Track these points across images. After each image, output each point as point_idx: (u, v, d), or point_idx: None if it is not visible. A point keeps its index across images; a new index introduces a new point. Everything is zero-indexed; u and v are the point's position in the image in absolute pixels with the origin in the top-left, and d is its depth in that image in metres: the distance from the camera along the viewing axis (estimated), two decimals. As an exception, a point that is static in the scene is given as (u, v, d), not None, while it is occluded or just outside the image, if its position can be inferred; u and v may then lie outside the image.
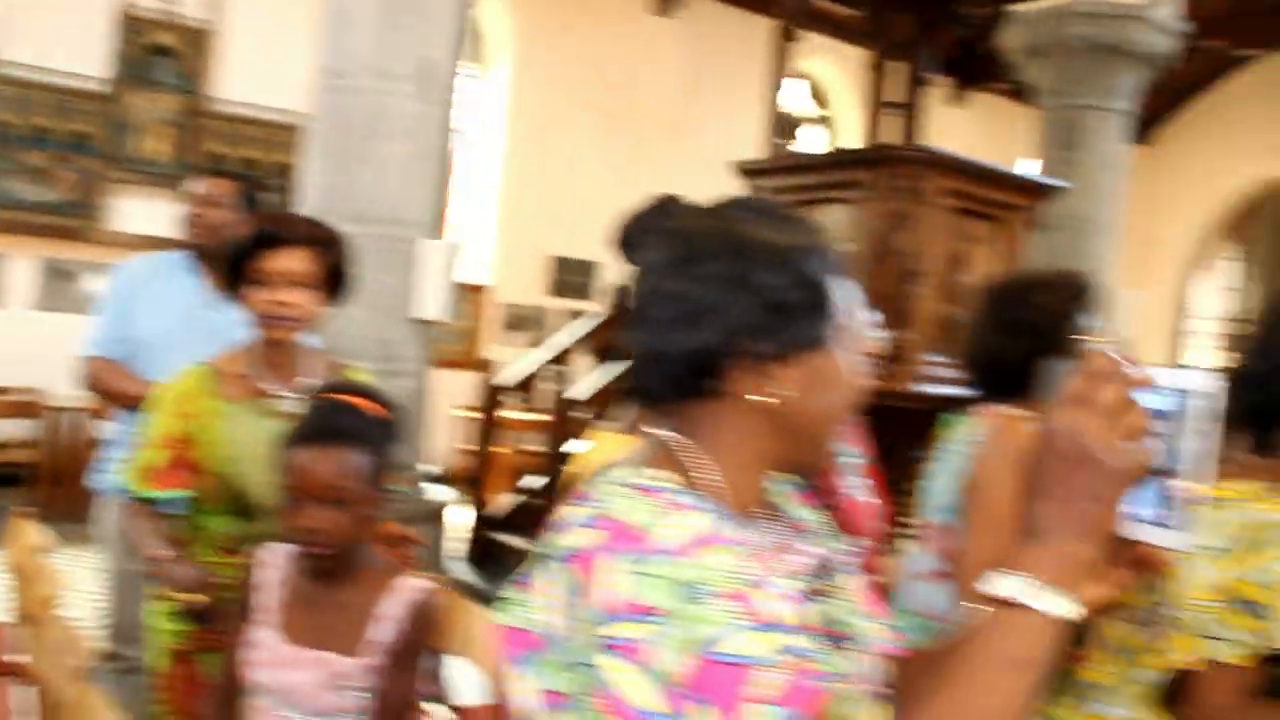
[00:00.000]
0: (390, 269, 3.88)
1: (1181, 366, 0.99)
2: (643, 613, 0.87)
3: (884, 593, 2.04)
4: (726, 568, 0.90)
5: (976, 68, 10.24)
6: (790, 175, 4.34)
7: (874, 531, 2.22)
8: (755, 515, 1.05)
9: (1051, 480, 0.90)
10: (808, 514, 1.14)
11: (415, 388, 4.02)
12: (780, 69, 6.46)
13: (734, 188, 3.41)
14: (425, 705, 1.92)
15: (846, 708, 0.99)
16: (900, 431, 2.82)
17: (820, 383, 1.01)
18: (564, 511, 1.00)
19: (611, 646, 0.87)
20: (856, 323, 1.04)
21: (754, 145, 7.05)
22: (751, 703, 0.84)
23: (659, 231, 1.06)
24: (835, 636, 1.04)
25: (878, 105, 6.78)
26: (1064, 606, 0.88)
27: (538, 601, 0.96)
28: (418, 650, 1.79)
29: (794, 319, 0.99)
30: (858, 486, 2.16)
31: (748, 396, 0.99)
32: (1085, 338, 2.01)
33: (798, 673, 0.87)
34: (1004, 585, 0.89)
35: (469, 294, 8.43)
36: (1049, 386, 0.93)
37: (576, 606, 0.91)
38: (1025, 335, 1.99)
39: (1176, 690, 1.60)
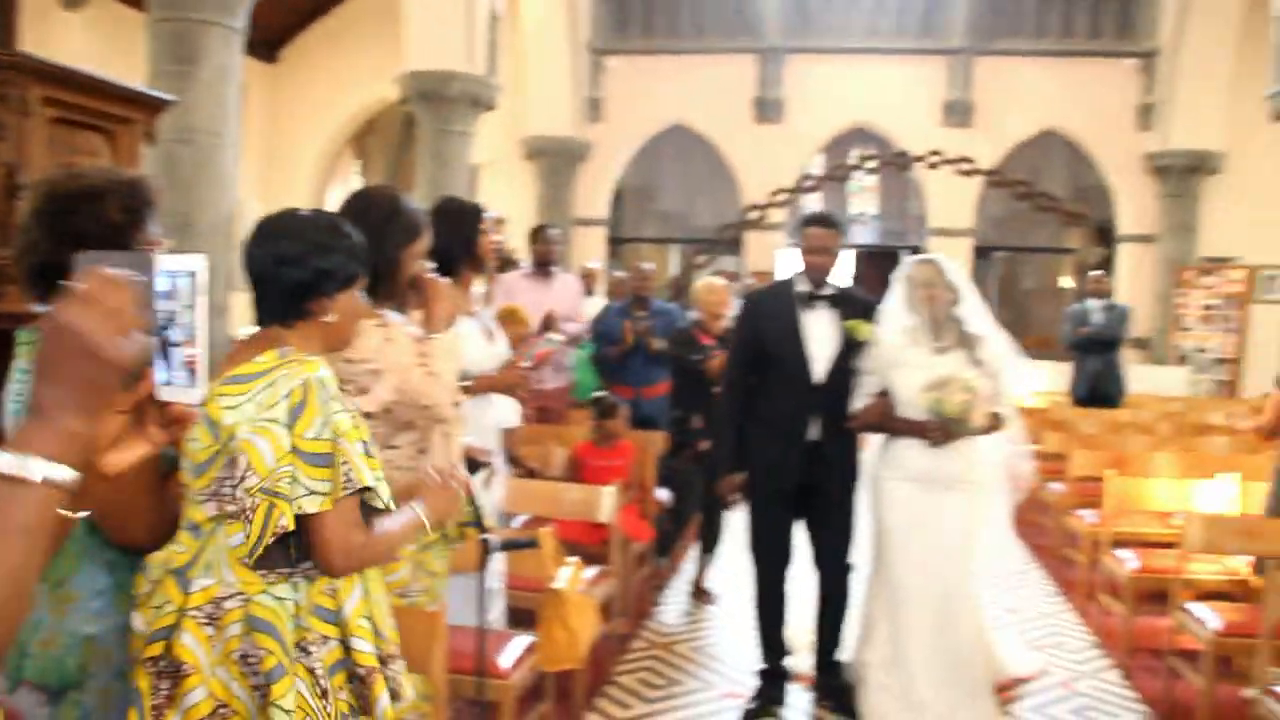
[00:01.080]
0: None
1: (186, 254, 1.20)
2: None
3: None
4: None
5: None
6: None
7: None
8: None
9: (54, 367, 1.01)
10: None
11: None
12: None
13: None
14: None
15: None
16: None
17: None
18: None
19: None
20: None
21: None
22: None
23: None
24: None
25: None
26: (60, 475, 0.99)
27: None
28: None
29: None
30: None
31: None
32: (147, 244, 2.06)
33: None
34: (3, 462, 0.97)
35: None
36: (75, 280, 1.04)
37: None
38: (77, 242, 1.84)
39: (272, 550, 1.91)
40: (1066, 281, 16.53)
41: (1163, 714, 4.39)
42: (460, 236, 3.53)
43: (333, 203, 16.26)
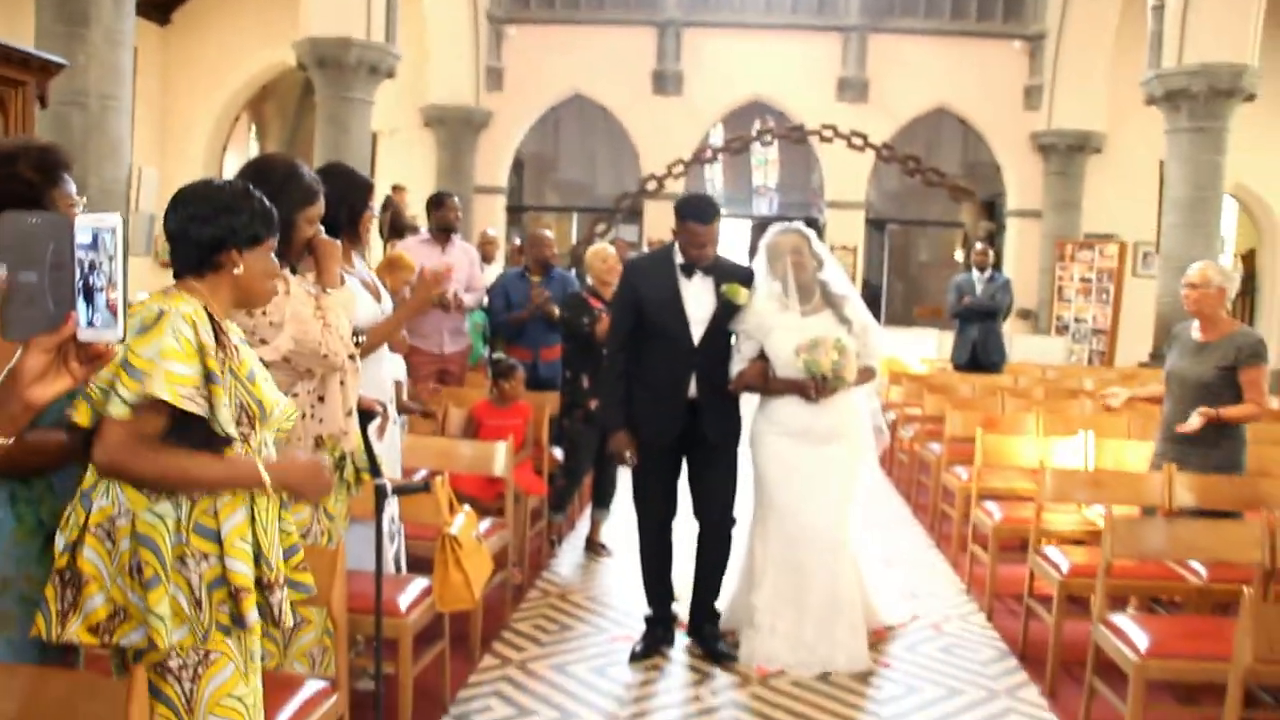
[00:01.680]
0: None
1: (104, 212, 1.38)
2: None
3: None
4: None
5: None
6: None
7: None
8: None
9: None
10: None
11: None
12: None
13: None
14: None
15: None
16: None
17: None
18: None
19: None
20: None
21: None
22: None
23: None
24: None
25: None
26: None
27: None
28: None
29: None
30: None
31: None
32: (65, 202, 2.22)
33: None
34: None
35: None
36: None
37: None
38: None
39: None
40: (960, 255, 17.07)
41: (1018, 650, 4.73)
42: (347, 203, 3.64)
43: (230, 168, 16.00)
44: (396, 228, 8.31)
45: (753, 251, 5.65)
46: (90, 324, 1.37)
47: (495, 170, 15.49)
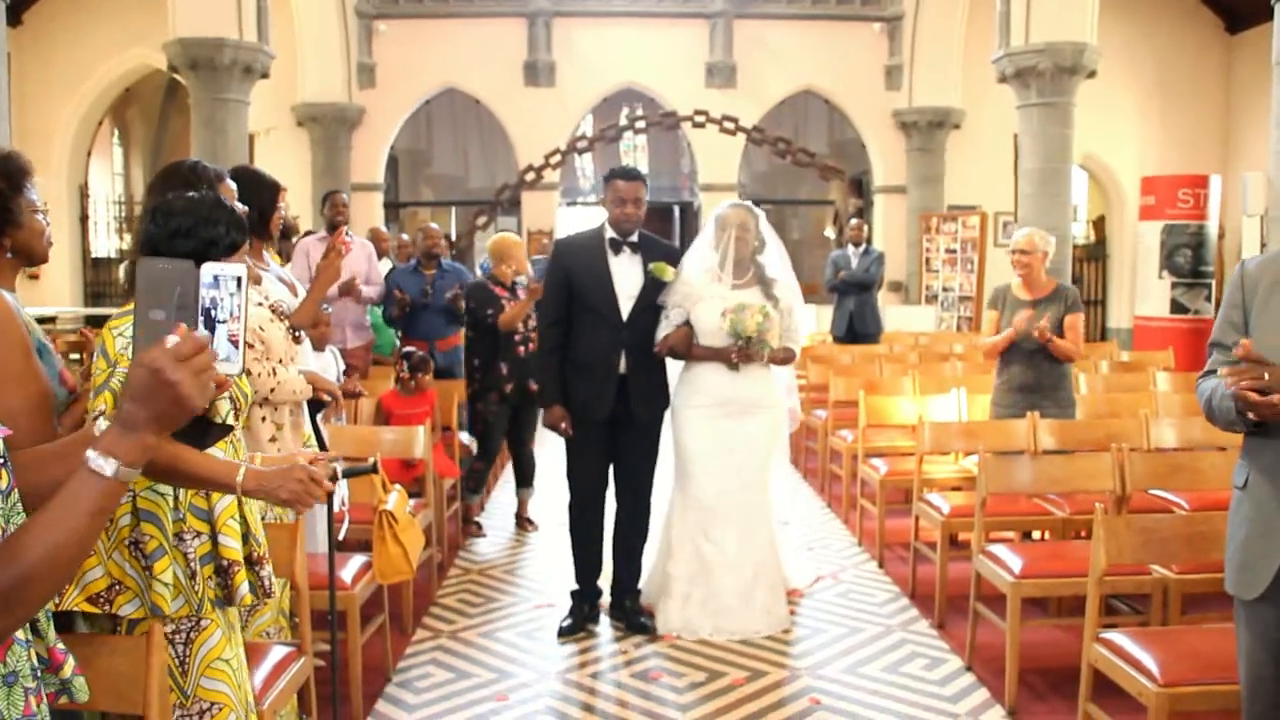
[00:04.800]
0: None
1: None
2: None
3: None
4: None
5: None
6: None
7: None
8: None
9: (147, 398, 1.35)
10: None
11: None
12: None
13: None
14: None
15: None
16: None
17: None
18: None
19: None
20: None
21: None
22: None
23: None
24: None
25: None
26: (129, 476, 1.35)
27: None
28: None
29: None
30: None
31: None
32: (30, 209, 2.33)
33: None
34: (94, 460, 1.32)
35: None
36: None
37: None
38: None
39: None
40: (830, 232, 17.68)
41: (908, 590, 5.16)
42: (256, 205, 3.77)
43: (95, 175, 15.59)
44: (284, 230, 8.37)
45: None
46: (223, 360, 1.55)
47: (371, 167, 15.46)
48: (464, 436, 6.38)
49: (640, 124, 14.89)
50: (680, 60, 15.46)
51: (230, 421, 2.34)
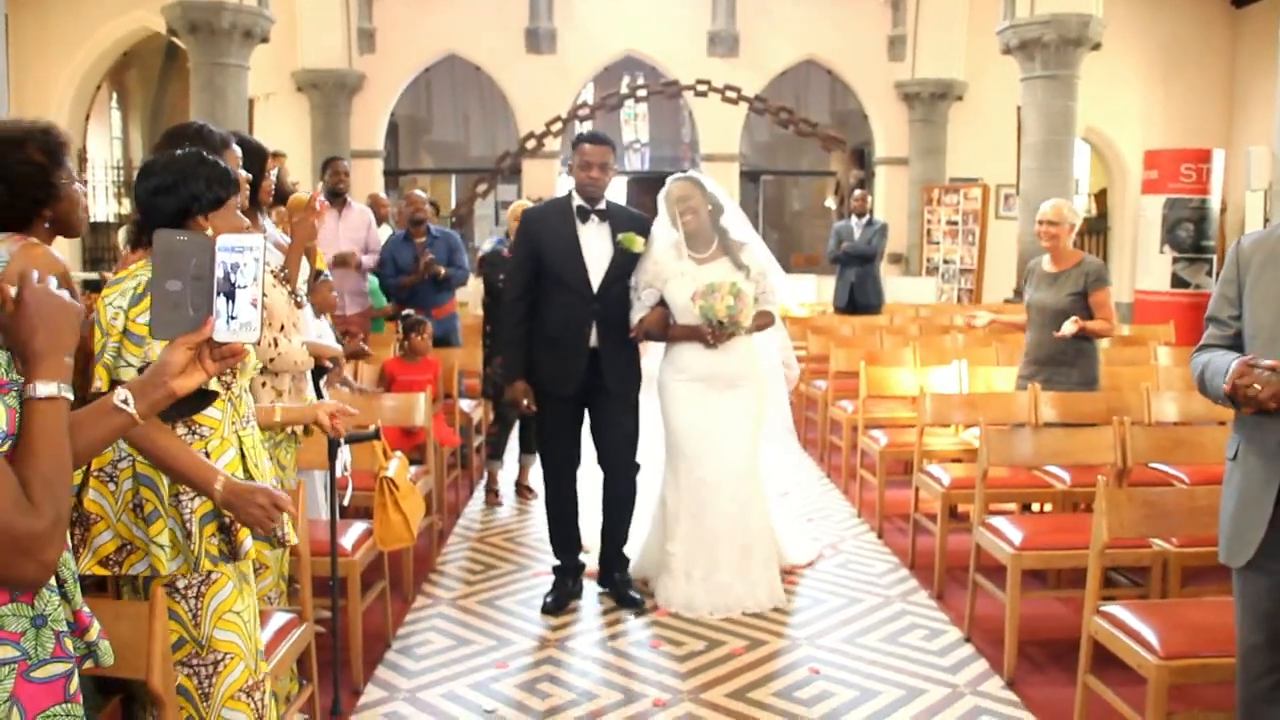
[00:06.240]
0: None
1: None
2: None
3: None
4: None
5: None
6: None
7: None
8: None
9: (45, 327, 1.44)
10: None
11: None
12: None
13: None
14: None
15: None
16: None
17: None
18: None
19: None
20: None
21: None
22: None
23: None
24: None
25: None
26: (69, 393, 1.45)
27: None
28: None
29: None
30: None
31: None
32: (67, 179, 2.38)
33: None
34: (46, 389, 1.42)
35: None
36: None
37: None
38: (7, 182, 2.33)
39: None
40: (831, 203, 17.62)
41: (908, 561, 5.17)
42: (247, 172, 3.75)
43: (94, 140, 15.50)
44: (280, 194, 8.32)
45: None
46: (231, 321, 1.60)
47: (371, 134, 15.38)
48: (465, 404, 6.37)
49: (642, 92, 14.81)
50: (682, 29, 15.36)
51: (214, 386, 2.33)
